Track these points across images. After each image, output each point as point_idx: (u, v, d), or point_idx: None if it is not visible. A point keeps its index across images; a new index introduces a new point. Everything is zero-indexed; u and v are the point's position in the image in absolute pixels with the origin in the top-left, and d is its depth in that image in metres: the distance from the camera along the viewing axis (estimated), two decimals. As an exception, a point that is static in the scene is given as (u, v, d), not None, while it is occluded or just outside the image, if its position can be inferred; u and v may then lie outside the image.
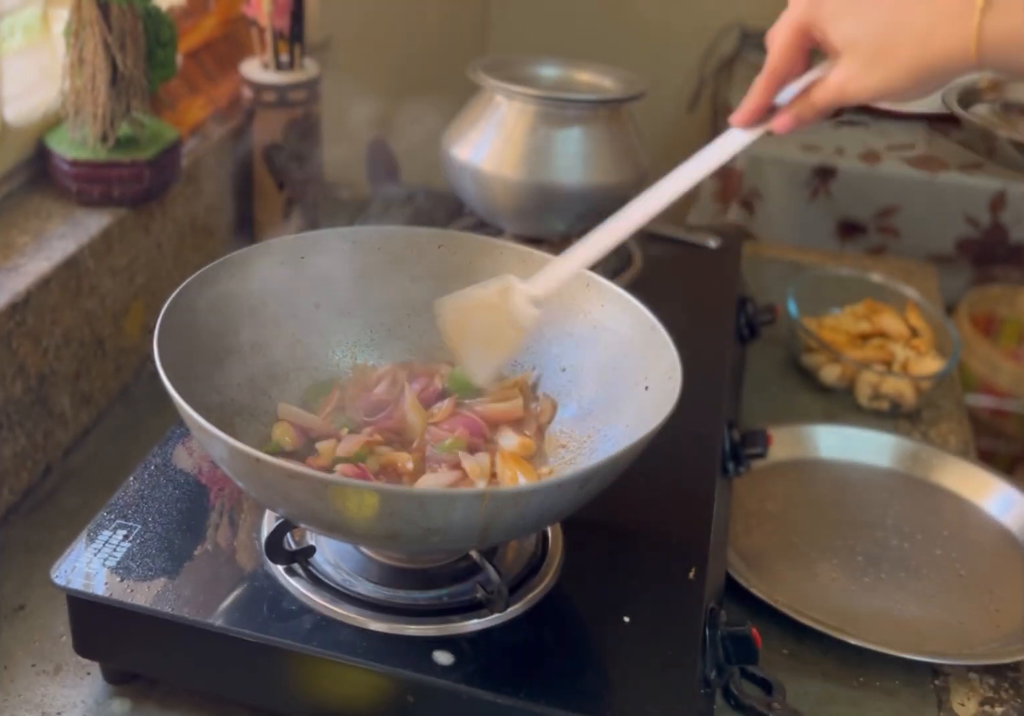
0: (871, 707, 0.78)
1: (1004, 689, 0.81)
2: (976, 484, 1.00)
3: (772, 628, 0.82)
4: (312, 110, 1.18)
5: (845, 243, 1.89)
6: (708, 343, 1.00)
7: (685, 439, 0.81)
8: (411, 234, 0.84)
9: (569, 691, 0.64)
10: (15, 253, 0.89)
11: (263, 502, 0.69)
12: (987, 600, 0.89)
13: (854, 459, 1.03)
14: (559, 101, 1.07)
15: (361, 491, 0.58)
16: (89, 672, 0.74)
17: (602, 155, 1.09)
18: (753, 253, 1.37)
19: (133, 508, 0.75)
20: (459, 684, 0.64)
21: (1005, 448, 1.80)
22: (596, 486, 0.64)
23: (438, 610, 0.68)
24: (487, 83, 1.09)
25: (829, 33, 0.65)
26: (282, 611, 0.68)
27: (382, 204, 1.29)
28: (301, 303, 0.81)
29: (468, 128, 1.12)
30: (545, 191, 1.08)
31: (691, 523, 0.78)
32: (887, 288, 1.24)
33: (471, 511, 0.59)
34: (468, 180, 1.11)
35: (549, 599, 0.71)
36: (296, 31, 1.14)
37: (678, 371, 0.69)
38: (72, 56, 0.92)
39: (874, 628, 0.83)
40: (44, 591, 0.80)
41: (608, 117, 1.10)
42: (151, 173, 0.97)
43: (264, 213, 1.21)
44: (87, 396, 0.95)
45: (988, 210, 1.84)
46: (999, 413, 1.79)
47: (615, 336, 0.77)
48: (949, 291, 1.69)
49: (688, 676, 0.66)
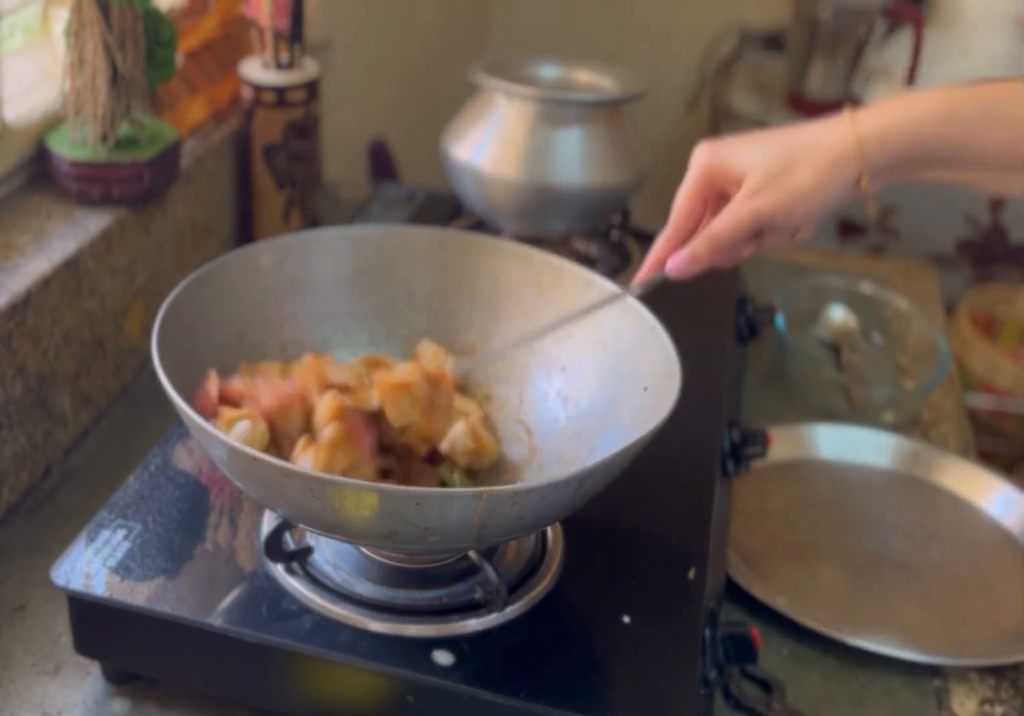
0: (871, 707, 0.78)
1: (1004, 689, 0.81)
2: (976, 484, 1.00)
3: (772, 628, 0.82)
4: (312, 110, 1.18)
5: (845, 243, 1.89)
6: (708, 343, 1.00)
7: (685, 439, 0.81)
8: (411, 234, 0.84)
9: (569, 691, 0.64)
10: (15, 253, 0.89)
11: (261, 502, 0.69)
12: (987, 600, 0.89)
13: (854, 459, 1.03)
14: (559, 101, 1.07)
15: (358, 490, 0.58)
16: (89, 672, 0.74)
17: (602, 155, 1.09)
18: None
19: (133, 508, 0.75)
20: (459, 684, 0.64)
21: (1005, 448, 1.80)
22: (594, 486, 0.64)
23: (438, 610, 0.68)
24: (487, 83, 1.09)
25: (731, 164, 0.69)
26: (282, 611, 0.68)
27: (382, 204, 1.29)
28: (301, 303, 0.81)
29: (468, 128, 1.12)
30: (545, 191, 1.08)
31: (691, 523, 0.78)
32: (877, 298, 1.23)
33: (468, 511, 0.59)
34: (468, 180, 1.11)
35: (549, 599, 0.71)
36: (296, 31, 1.14)
37: (677, 372, 0.69)
38: (72, 56, 0.92)
39: (874, 628, 0.83)
40: (44, 591, 0.80)
41: (608, 117, 1.10)
42: (151, 173, 0.97)
43: (264, 213, 1.21)
44: (87, 396, 0.95)
45: (988, 210, 1.85)
46: (999, 413, 1.79)
47: (615, 336, 0.77)
48: (949, 291, 1.69)
49: (688, 676, 0.66)
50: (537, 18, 2.38)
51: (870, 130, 0.67)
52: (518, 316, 0.83)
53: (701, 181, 0.71)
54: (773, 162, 0.68)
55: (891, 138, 0.67)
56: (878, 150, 0.67)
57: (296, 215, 1.22)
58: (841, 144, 0.67)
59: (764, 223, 0.69)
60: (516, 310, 0.83)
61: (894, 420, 1.09)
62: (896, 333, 1.22)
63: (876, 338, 1.23)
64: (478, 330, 0.84)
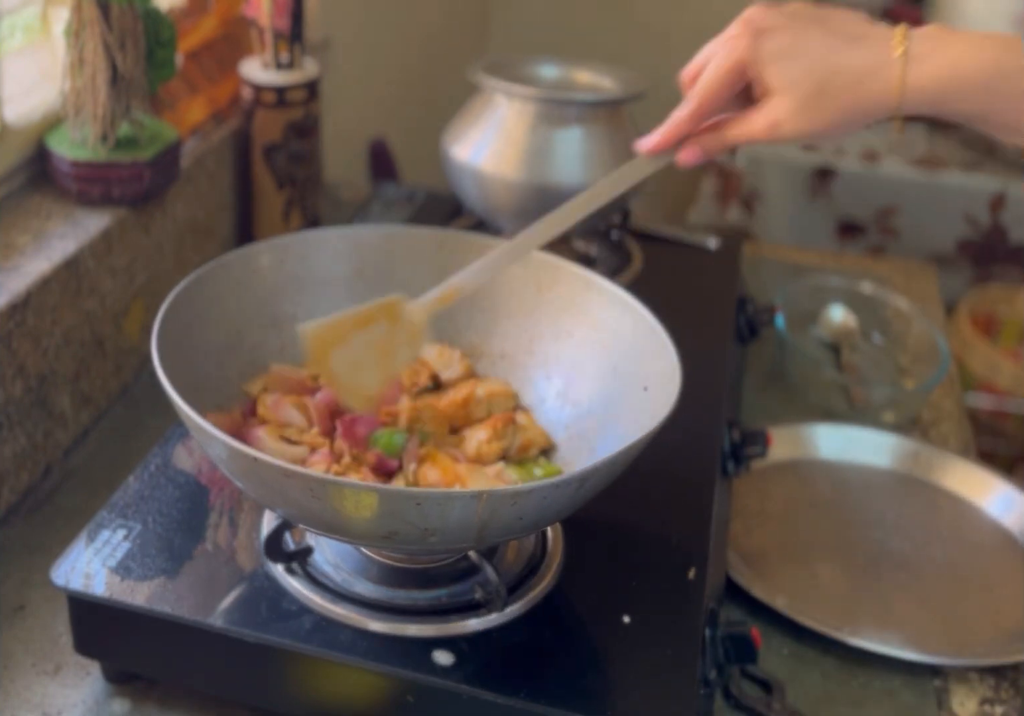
0: (871, 707, 0.78)
1: (1004, 689, 0.81)
2: (976, 484, 1.00)
3: (772, 628, 0.82)
4: (312, 110, 1.18)
5: (845, 243, 1.89)
6: (708, 343, 1.00)
7: (685, 439, 0.81)
8: (411, 234, 0.84)
9: (569, 691, 0.64)
10: (15, 253, 0.89)
11: (261, 502, 0.69)
12: (987, 600, 0.89)
13: (854, 459, 1.03)
14: (559, 101, 1.07)
15: (358, 491, 0.58)
16: (89, 672, 0.74)
17: (602, 155, 1.09)
18: (753, 253, 1.36)
19: (133, 508, 0.75)
20: (459, 684, 0.64)
21: (1005, 448, 1.80)
22: (595, 486, 0.64)
23: (438, 610, 0.68)
24: (487, 83, 1.09)
25: (767, 73, 0.67)
26: (282, 611, 0.68)
27: (382, 204, 1.29)
28: (301, 303, 0.81)
29: (468, 128, 1.12)
30: (545, 191, 1.08)
31: (691, 523, 0.78)
32: (877, 298, 1.23)
33: (468, 511, 0.59)
34: (468, 180, 1.11)
35: (549, 599, 0.71)
36: (296, 31, 1.14)
37: (677, 372, 0.69)
38: (72, 56, 0.92)
39: (874, 628, 0.83)
40: (44, 591, 0.80)
41: (608, 117, 1.10)
42: (151, 173, 0.97)
43: (264, 213, 1.21)
44: (87, 396, 0.95)
45: (988, 210, 1.85)
46: (999, 413, 1.79)
47: (615, 336, 0.77)
48: (949, 291, 1.69)
49: (688, 676, 0.66)
50: (537, 18, 2.38)
51: (914, 83, 0.64)
52: (518, 316, 0.83)
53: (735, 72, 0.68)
54: (808, 93, 0.66)
55: (933, 95, 0.65)
56: (916, 104, 0.65)
57: (296, 215, 1.22)
58: (882, 92, 0.65)
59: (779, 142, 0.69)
60: (516, 310, 0.83)
61: (894, 420, 1.09)
62: (896, 333, 1.22)
63: (876, 338, 1.23)
64: (478, 330, 0.84)
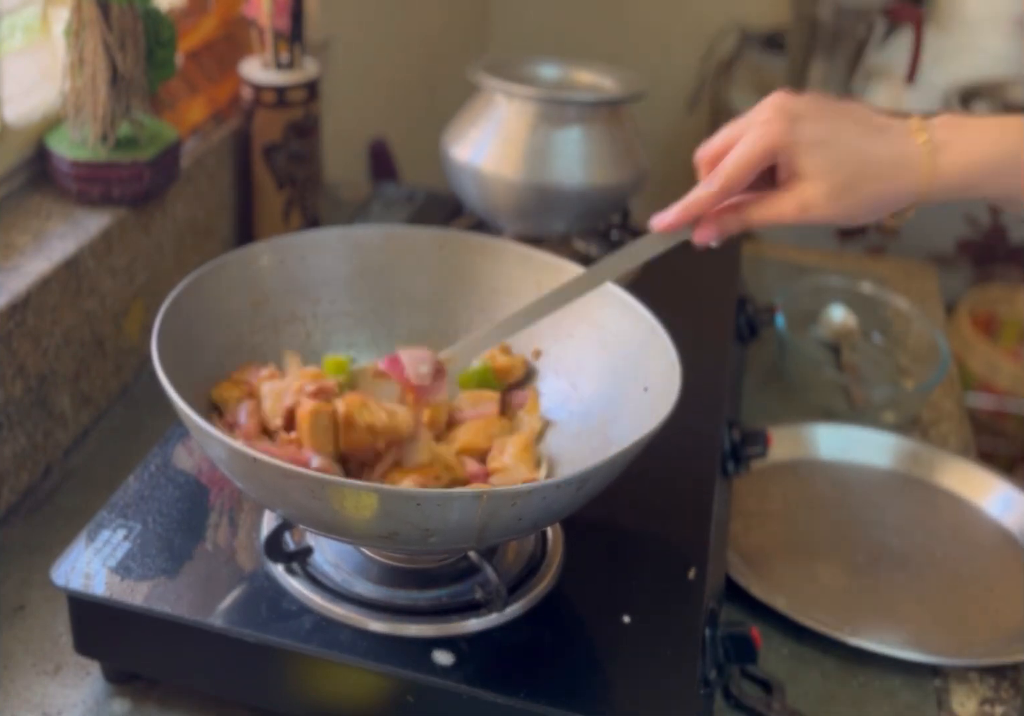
0: (871, 707, 0.78)
1: (1004, 689, 0.81)
2: (976, 484, 1.00)
3: (772, 628, 0.82)
4: (312, 110, 1.18)
5: (845, 243, 1.89)
6: (708, 343, 1.00)
7: (685, 439, 0.81)
8: (411, 234, 0.84)
9: (569, 691, 0.64)
10: (15, 253, 0.89)
11: (261, 502, 0.69)
12: (987, 600, 0.89)
13: (854, 459, 1.03)
14: (559, 101, 1.07)
15: (358, 491, 0.58)
16: (89, 672, 0.74)
17: (602, 155, 1.09)
18: (753, 253, 1.36)
19: (133, 508, 0.75)
20: (459, 684, 0.64)
21: (1005, 448, 1.80)
22: (595, 486, 0.64)
23: (438, 610, 0.68)
24: (487, 83, 1.09)
25: (801, 159, 0.67)
26: (282, 611, 0.68)
27: (382, 204, 1.29)
28: (301, 303, 0.81)
29: (468, 128, 1.12)
30: (545, 191, 1.08)
31: (691, 523, 0.78)
32: (877, 298, 1.23)
33: (468, 511, 0.59)
34: (468, 180, 1.11)
35: (549, 599, 0.71)
36: (296, 31, 1.14)
37: (677, 373, 0.69)
38: (72, 56, 0.92)
39: (874, 628, 0.83)
40: (44, 591, 0.80)
41: (608, 117, 1.10)
42: (151, 173, 0.97)
43: (264, 213, 1.21)
44: (87, 396, 0.95)
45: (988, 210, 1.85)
46: (999, 413, 1.79)
47: (615, 337, 0.77)
48: (949, 291, 1.69)
49: (688, 676, 0.66)
50: (537, 18, 2.38)
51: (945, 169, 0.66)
52: (518, 316, 0.83)
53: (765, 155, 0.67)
54: (841, 180, 0.66)
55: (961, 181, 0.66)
56: (944, 191, 0.67)
57: (296, 215, 1.22)
58: (913, 181, 0.66)
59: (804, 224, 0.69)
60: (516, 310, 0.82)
61: (894, 420, 1.09)
62: (896, 333, 1.22)
63: (876, 338, 1.23)
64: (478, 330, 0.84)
